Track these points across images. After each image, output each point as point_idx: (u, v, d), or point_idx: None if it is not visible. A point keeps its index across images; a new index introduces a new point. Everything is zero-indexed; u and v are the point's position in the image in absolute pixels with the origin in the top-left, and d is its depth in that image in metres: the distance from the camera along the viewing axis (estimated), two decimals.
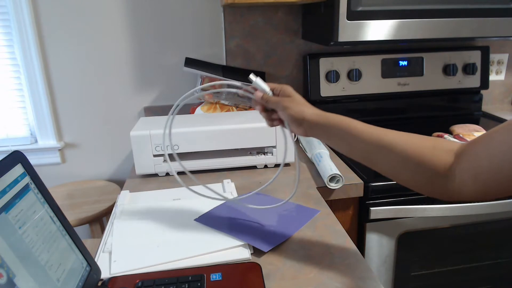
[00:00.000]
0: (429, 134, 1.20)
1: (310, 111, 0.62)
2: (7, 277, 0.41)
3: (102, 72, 1.34)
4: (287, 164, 1.05)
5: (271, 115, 0.67)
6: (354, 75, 1.33)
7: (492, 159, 0.44)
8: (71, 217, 1.17)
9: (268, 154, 1.02)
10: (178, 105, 0.63)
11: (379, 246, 1.00)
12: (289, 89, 0.65)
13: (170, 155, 1.00)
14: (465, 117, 1.43)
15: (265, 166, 1.04)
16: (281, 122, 0.67)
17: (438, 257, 1.06)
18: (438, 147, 0.52)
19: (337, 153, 1.13)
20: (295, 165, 0.66)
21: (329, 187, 0.92)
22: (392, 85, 1.38)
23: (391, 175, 0.56)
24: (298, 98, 0.64)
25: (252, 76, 0.65)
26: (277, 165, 1.04)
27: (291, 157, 1.03)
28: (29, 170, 0.51)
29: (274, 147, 1.00)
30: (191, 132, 0.97)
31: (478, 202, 0.98)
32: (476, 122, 1.35)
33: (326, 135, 0.60)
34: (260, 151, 1.03)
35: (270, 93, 0.66)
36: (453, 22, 1.08)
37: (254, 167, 1.04)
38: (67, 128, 1.39)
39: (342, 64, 1.33)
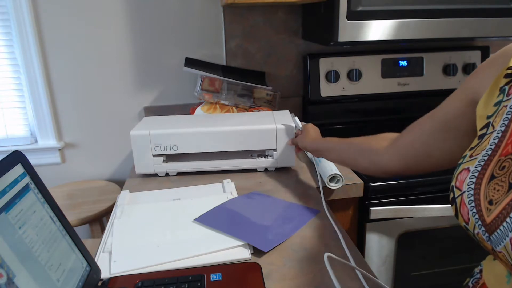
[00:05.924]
0: None
1: (309, 142, 0.87)
2: (7, 277, 0.41)
3: (102, 72, 1.34)
4: (288, 168, 1.04)
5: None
6: (354, 75, 1.33)
7: (411, 141, 0.60)
8: (71, 217, 1.17)
9: (268, 157, 1.00)
10: None
11: (379, 246, 1.00)
12: (306, 126, 0.92)
13: (169, 156, 0.99)
14: None
15: (266, 169, 1.03)
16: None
17: (438, 257, 1.06)
18: (383, 137, 0.68)
19: None
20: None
21: (329, 187, 0.92)
22: (392, 85, 1.38)
23: (352, 165, 0.75)
24: (307, 132, 0.90)
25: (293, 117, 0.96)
26: (277, 169, 1.03)
27: (291, 162, 1.01)
28: (29, 170, 0.51)
29: (275, 150, 0.99)
30: (191, 132, 0.97)
31: (403, 176, 0.97)
32: None
33: (322, 154, 0.84)
34: (261, 153, 1.02)
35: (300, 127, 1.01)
36: (453, 22, 1.08)
37: (255, 170, 1.02)
38: (67, 128, 1.39)
39: (342, 64, 1.33)
